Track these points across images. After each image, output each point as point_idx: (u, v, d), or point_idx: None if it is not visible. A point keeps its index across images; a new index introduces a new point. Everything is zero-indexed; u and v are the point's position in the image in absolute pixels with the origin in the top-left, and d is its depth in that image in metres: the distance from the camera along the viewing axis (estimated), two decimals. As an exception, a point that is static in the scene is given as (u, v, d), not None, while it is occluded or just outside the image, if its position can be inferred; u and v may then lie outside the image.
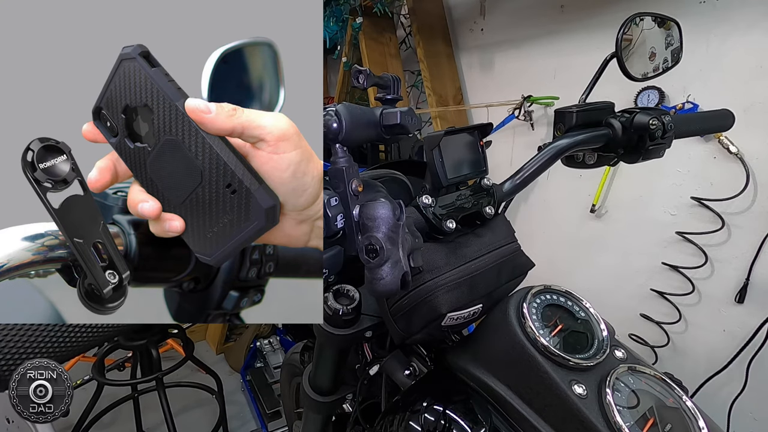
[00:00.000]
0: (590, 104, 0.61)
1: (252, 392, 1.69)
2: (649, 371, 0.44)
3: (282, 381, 1.06)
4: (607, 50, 0.61)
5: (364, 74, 0.40)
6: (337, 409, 0.68)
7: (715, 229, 0.96)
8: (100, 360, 1.19)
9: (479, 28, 1.45)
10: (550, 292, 0.50)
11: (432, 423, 0.50)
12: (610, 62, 0.61)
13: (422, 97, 1.60)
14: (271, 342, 1.82)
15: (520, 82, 1.32)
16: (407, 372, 0.57)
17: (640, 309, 1.14)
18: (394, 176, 0.61)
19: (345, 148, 0.38)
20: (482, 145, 0.53)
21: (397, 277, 0.34)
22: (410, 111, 0.40)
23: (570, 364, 0.43)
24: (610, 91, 0.68)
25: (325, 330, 0.51)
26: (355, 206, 0.37)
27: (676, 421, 0.41)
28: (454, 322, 0.48)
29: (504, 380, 0.47)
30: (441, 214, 0.48)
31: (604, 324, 0.48)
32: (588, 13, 1.13)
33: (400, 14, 1.64)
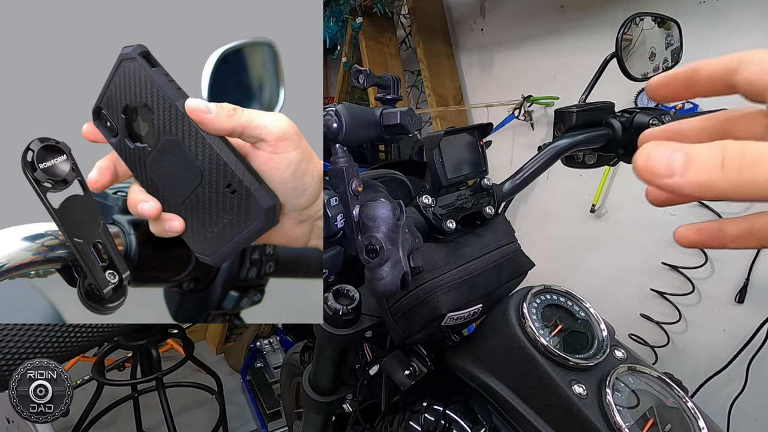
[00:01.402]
0: (590, 104, 0.61)
1: (252, 392, 1.69)
2: (649, 371, 0.44)
3: (282, 381, 1.06)
4: (607, 50, 0.61)
5: (364, 74, 0.40)
6: (337, 409, 0.68)
7: (715, 228, 0.96)
8: (100, 360, 1.19)
9: (479, 28, 1.45)
10: (550, 292, 0.50)
11: (432, 423, 0.50)
12: (610, 62, 0.61)
13: (422, 97, 1.60)
14: (271, 342, 1.82)
15: (520, 82, 1.32)
16: (407, 372, 0.57)
17: (640, 309, 1.14)
18: (394, 176, 0.61)
19: (345, 148, 0.38)
20: (482, 145, 0.53)
21: (397, 277, 0.34)
22: (410, 111, 0.40)
23: (570, 364, 0.43)
24: (610, 91, 0.68)
25: (325, 330, 0.51)
26: (355, 206, 0.37)
27: (676, 421, 0.41)
28: (454, 322, 0.48)
29: (504, 380, 0.47)
30: (441, 214, 0.48)
31: (604, 324, 0.48)
32: (588, 13, 1.13)
33: (400, 14, 1.64)
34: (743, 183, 0.16)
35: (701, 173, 0.16)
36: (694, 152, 0.17)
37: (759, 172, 0.16)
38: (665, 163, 0.17)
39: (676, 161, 0.17)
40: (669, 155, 0.17)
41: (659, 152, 0.17)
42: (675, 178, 0.17)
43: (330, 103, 0.39)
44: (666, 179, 0.17)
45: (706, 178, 0.16)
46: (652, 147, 0.17)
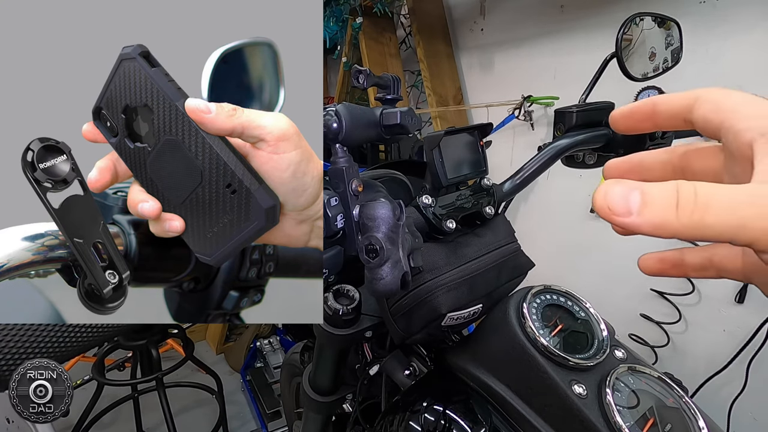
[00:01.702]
0: (590, 104, 0.61)
1: (252, 392, 1.69)
2: (649, 371, 0.44)
3: (282, 381, 1.06)
4: (607, 50, 0.61)
5: (364, 74, 0.40)
6: (337, 409, 0.68)
7: (715, 229, 0.96)
8: (100, 360, 1.19)
9: (479, 28, 1.45)
10: (550, 292, 0.50)
11: (432, 423, 0.50)
12: (610, 62, 0.61)
13: (422, 97, 1.60)
14: (271, 342, 1.82)
15: (520, 82, 1.32)
16: (407, 372, 0.57)
17: (640, 309, 1.14)
18: (394, 176, 0.61)
19: (345, 148, 0.38)
20: (482, 145, 0.53)
21: (397, 277, 0.34)
22: (410, 111, 0.40)
23: (570, 364, 0.43)
24: (610, 91, 0.68)
25: (325, 330, 0.51)
26: (355, 206, 0.37)
27: (676, 421, 0.41)
28: (454, 322, 0.48)
29: (504, 380, 0.47)
30: (441, 214, 0.48)
31: (604, 324, 0.48)
32: (588, 13, 1.13)
33: (400, 14, 1.64)
34: (696, 225, 0.16)
35: (656, 215, 0.17)
36: (650, 193, 0.17)
37: (711, 215, 0.16)
38: (622, 202, 0.17)
39: (632, 201, 0.17)
40: (626, 195, 0.17)
41: (617, 191, 0.17)
42: (632, 218, 0.17)
43: (330, 103, 0.39)
44: (623, 218, 0.17)
45: (661, 219, 0.17)
46: (610, 186, 0.18)
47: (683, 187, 0.17)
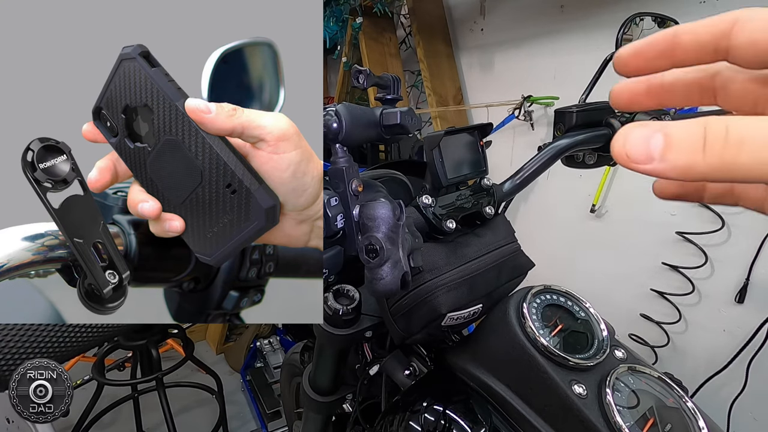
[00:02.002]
0: (590, 104, 0.61)
1: (252, 392, 1.69)
2: (649, 371, 0.44)
3: (282, 381, 1.06)
4: (607, 50, 0.61)
5: (364, 74, 0.40)
6: (337, 409, 0.68)
7: (715, 229, 0.96)
8: (100, 360, 1.19)
9: (479, 28, 1.45)
10: (550, 292, 0.50)
11: (432, 423, 0.50)
12: (610, 62, 0.61)
13: (422, 97, 1.60)
14: (271, 342, 1.82)
15: (520, 82, 1.32)
16: (407, 372, 0.57)
17: (640, 309, 1.14)
18: (394, 176, 0.61)
19: (345, 148, 0.38)
20: (482, 145, 0.53)
21: (397, 277, 0.34)
22: (410, 111, 0.40)
23: (570, 364, 0.43)
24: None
25: (325, 330, 0.51)
26: (355, 206, 0.37)
27: (676, 421, 0.41)
28: (454, 322, 0.48)
29: (504, 380, 0.47)
30: (441, 214, 0.48)
31: (604, 324, 0.48)
32: (588, 13, 1.13)
33: (400, 14, 1.64)
34: (726, 165, 0.14)
35: (681, 157, 0.15)
36: (673, 133, 0.15)
37: (745, 153, 0.14)
38: (643, 147, 0.15)
39: (654, 145, 0.15)
40: (647, 139, 0.15)
41: (637, 135, 0.16)
42: (654, 164, 0.15)
43: (330, 103, 0.39)
44: (644, 165, 0.15)
45: (686, 162, 0.15)
46: (629, 130, 0.16)
47: (712, 123, 0.15)
